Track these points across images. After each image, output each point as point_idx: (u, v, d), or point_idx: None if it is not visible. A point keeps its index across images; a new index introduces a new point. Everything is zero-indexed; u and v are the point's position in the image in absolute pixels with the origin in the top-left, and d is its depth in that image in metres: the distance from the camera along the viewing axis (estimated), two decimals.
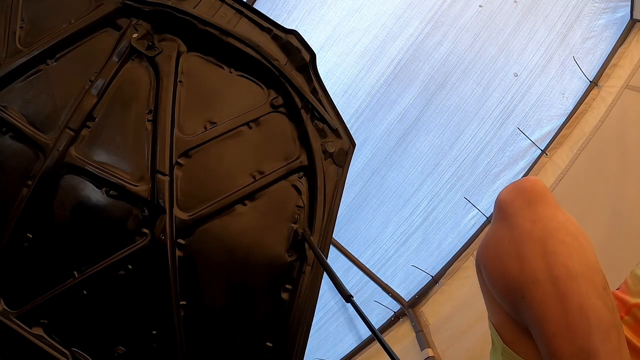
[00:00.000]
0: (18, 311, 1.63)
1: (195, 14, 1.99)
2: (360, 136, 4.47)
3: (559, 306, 0.80)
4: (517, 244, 0.88)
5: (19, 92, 1.76)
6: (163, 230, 1.76)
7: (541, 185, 0.92)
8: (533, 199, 0.90)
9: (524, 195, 0.91)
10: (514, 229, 0.89)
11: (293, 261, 1.89)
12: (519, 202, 0.91)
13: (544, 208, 0.89)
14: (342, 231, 4.72)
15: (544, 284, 0.82)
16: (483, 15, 4.36)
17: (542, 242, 0.85)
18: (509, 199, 0.93)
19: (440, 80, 4.45)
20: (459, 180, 4.45)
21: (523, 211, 0.89)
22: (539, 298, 0.82)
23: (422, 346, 4.08)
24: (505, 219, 0.92)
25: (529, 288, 0.83)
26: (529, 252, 0.85)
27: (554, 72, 4.28)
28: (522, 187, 0.93)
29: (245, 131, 1.99)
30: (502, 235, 0.91)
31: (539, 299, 0.82)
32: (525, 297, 0.84)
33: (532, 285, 0.83)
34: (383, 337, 1.37)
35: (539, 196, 0.90)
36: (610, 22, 4.17)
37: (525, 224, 0.88)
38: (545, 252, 0.84)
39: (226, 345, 1.80)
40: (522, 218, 0.89)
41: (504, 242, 0.90)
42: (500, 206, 0.94)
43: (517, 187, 0.94)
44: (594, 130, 3.93)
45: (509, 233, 0.90)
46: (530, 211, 0.89)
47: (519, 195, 0.92)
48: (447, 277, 4.44)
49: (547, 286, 0.81)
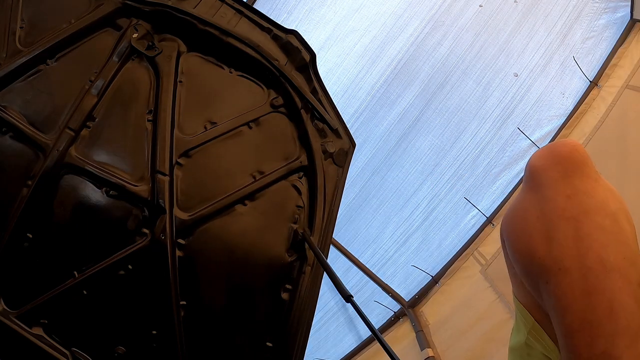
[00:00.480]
0: (18, 311, 1.63)
1: (195, 14, 1.99)
2: (360, 136, 4.47)
3: (586, 301, 0.71)
4: (547, 221, 0.78)
5: (19, 92, 1.76)
6: (163, 230, 1.76)
7: (581, 152, 0.80)
8: (570, 168, 0.78)
9: (560, 164, 0.79)
10: (545, 202, 0.79)
11: (293, 261, 1.89)
12: (553, 172, 0.79)
13: (583, 181, 0.77)
14: (342, 231, 4.72)
15: (573, 274, 0.73)
16: (483, 15, 4.36)
17: (576, 223, 0.75)
18: (543, 165, 0.81)
19: (440, 80, 4.45)
20: (459, 180, 4.45)
21: (557, 183, 0.78)
22: (564, 288, 0.74)
23: (422, 346, 4.08)
24: (536, 189, 0.81)
25: (556, 274, 0.75)
26: (560, 232, 0.76)
27: (554, 72, 4.28)
28: (558, 153, 0.81)
29: (245, 131, 1.99)
30: (531, 207, 0.81)
31: (564, 288, 0.74)
32: (549, 283, 0.76)
33: (559, 272, 0.74)
34: (383, 337, 1.36)
35: (578, 166, 0.79)
36: (610, 22, 4.17)
37: (559, 198, 0.77)
38: (578, 236, 0.74)
39: (226, 345, 1.80)
40: (555, 191, 0.78)
41: (532, 216, 0.80)
42: (532, 173, 0.83)
43: (553, 152, 0.82)
44: (594, 130, 3.93)
45: (539, 207, 0.79)
46: (566, 184, 0.78)
47: (554, 162, 0.80)
48: (447, 277, 4.44)
49: (575, 276, 0.73)
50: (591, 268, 0.72)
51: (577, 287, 0.72)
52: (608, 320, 0.70)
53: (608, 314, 0.70)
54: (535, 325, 0.87)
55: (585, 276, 0.72)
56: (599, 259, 0.72)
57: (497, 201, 4.37)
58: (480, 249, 4.28)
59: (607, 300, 0.70)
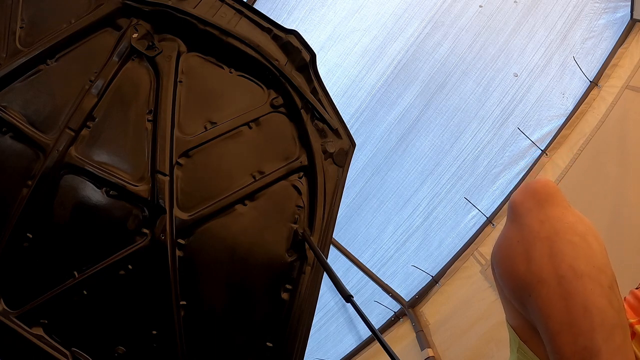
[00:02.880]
0: (18, 311, 1.63)
1: (196, 14, 1.99)
2: (360, 136, 4.47)
3: (563, 305, 0.81)
4: (525, 244, 0.89)
5: (19, 92, 1.76)
6: (163, 230, 1.76)
7: (552, 186, 0.94)
8: (543, 199, 0.92)
9: (535, 197, 0.93)
10: (523, 229, 0.91)
11: (293, 261, 1.89)
12: (529, 203, 0.93)
13: (553, 209, 0.90)
14: (342, 231, 4.72)
15: (550, 283, 0.83)
16: (483, 16, 4.36)
17: (549, 242, 0.86)
18: (520, 200, 0.95)
19: (440, 80, 4.45)
20: (459, 180, 4.45)
21: (532, 212, 0.91)
22: (544, 296, 0.84)
23: (422, 346, 4.08)
24: (516, 219, 0.94)
25: (536, 287, 0.85)
26: (537, 251, 0.87)
27: (554, 72, 4.28)
28: (533, 189, 0.95)
29: (246, 131, 1.99)
30: (513, 235, 0.93)
31: (544, 297, 0.84)
32: (532, 296, 0.86)
33: (538, 284, 0.85)
34: (383, 337, 1.37)
35: (549, 197, 0.92)
36: (610, 22, 4.17)
37: (534, 224, 0.90)
38: (551, 252, 0.85)
39: (226, 345, 1.80)
40: (531, 218, 0.91)
41: (513, 242, 0.92)
42: (512, 207, 0.96)
43: (528, 188, 0.96)
44: (594, 131, 3.93)
45: (519, 233, 0.92)
46: (540, 212, 0.90)
47: (529, 196, 0.94)
48: (447, 277, 4.44)
49: (552, 285, 0.83)
50: (564, 276, 0.82)
51: (555, 294, 0.83)
52: (583, 319, 0.79)
53: (583, 313, 0.79)
54: (521, 345, 0.97)
55: (560, 283, 0.83)
56: (571, 268, 0.83)
57: (497, 201, 4.37)
58: (480, 249, 4.28)
59: (581, 301, 0.80)
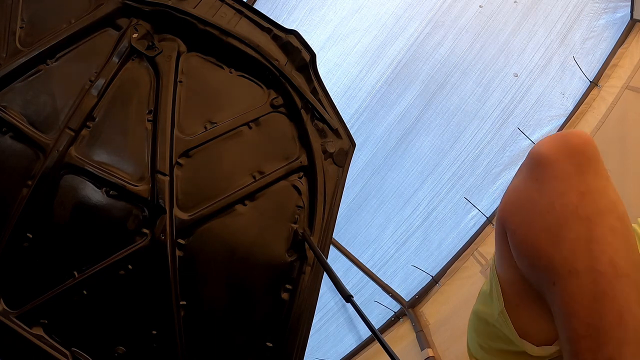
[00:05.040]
0: (18, 311, 1.63)
1: (195, 14, 1.99)
2: (360, 136, 4.47)
3: (595, 307, 0.67)
4: (557, 218, 0.72)
5: (19, 92, 1.76)
6: (163, 230, 1.76)
7: (594, 147, 0.74)
8: (585, 164, 0.72)
9: (574, 157, 0.72)
10: (557, 197, 0.72)
11: (293, 261, 1.89)
12: (566, 164, 0.72)
13: (596, 179, 0.71)
14: (342, 231, 4.72)
15: (583, 278, 0.68)
16: (483, 16, 4.36)
17: (589, 224, 0.69)
18: (554, 156, 0.74)
19: (440, 81, 4.45)
20: (459, 180, 4.45)
21: (571, 178, 0.72)
22: (572, 291, 0.69)
23: (422, 346, 4.08)
24: (546, 181, 0.74)
25: (564, 277, 0.70)
26: (572, 232, 0.70)
27: (554, 72, 4.28)
28: (571, 145, 0.73)
29: (246, 131, 1.99)
30: (540, 200, 0.74)
31: (572, 292, 0.69)
32: (556, 285, 0.71)
33: (567, 275, 0.70)
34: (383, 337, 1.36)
35: (591, 161, 0.72)
36: (610, 22, 4.17)
37: (572, 195, 0.71)
38: (590, 238, 0.69)
39: (226, 345, 1.79)
40: (568, 186, 0.71)
41: (541, 209, 0.74)
42: (540, 162, 0.75)
43: (565, 143, 0.74)
44: (594, 131, 3.93)
45: (549, 200, 0.73)
46: (580, 180, 0.71)
47: (567, 154, 0.73)
48: (447, 277, 4.44)
49: (585, 281, 0.68)
50: (603, 273, 0.67)
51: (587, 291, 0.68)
52: (617, 327, 0.66)
53: (617, 321, 0.66)
54: (503, 311, 0.84)
55: (595, 281, 0.68)
56: (611, 264, 0.68)
57: (497, 201, 4.37)
58: (480, 249, 4.29)
59: (617, 307, 0.66)
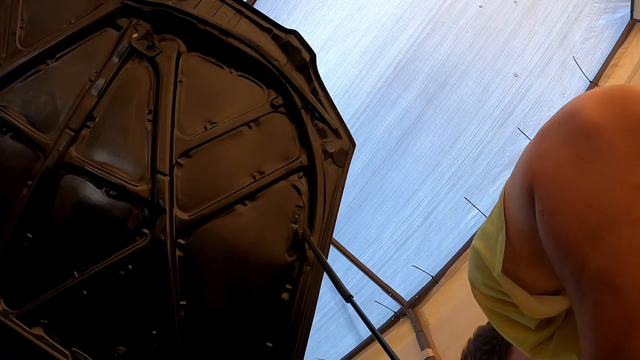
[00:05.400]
0: (18, 311, 1.63)
1: (195, 14, 1.99)
2: (360, 136, 4.47)
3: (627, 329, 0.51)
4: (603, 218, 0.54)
5: (19, 92, 1.76)
6: (163, 230, 1.76)
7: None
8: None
9: (635, 133, 0.53)
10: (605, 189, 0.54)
11: (293, 261, 1.89)
12: (623, 144, 0.53)
13: None
14: (342, 231, 4.72)
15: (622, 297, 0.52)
16: (483, 16, 4.36)
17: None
18: (609, 129, 0.54)
19: (440, 81, 4.45)
20: (459, 180, 4.46)
21: (628, 165, 0.53)
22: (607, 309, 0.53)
23: (422, 346, 4.08)
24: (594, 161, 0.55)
25: (600, 291, 0.54)
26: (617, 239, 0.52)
27: (554, 72, 4.28)
28: (631, 114, 0.54)
29: (246, 131, 1.99)
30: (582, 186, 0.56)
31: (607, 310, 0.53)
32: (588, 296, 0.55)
33: (605, 290, 0.53)
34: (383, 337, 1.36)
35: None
36: (610, 22, 4.18)
37: (625, 189, 0.53)
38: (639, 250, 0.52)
39: (226, 345, 1.79)
40: (623, 174, 0.53)
41: (583, 199, 0.55)
42: (589, 135, 0.56)
43: (622, 108, 0.55)
44: None
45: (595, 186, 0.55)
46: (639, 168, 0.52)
47: (626, 128, 0.54)
48: (447, 277, 4.44)
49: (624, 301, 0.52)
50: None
51: (623, 312, 0.52)
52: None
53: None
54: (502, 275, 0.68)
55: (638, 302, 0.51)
56: None
57: (497, 201, 4.37)
58: None
59: None
